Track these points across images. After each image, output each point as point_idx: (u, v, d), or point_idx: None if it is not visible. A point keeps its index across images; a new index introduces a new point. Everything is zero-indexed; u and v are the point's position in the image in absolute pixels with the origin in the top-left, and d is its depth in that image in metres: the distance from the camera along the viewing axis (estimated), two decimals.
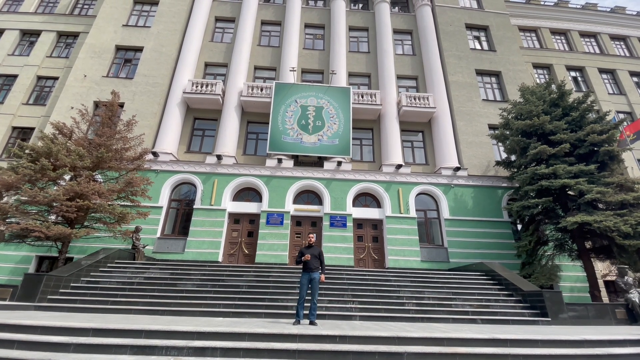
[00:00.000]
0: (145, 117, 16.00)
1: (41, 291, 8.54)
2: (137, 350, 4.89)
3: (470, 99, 18.14)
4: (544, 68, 22.10)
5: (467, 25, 20.90)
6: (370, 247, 14.91)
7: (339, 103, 16.86)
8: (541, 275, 11.98)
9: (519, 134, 13.84)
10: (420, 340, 5.40)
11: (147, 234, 13.58)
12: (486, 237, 14.75)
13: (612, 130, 12.62)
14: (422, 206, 15.76)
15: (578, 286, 13.62)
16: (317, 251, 7.11)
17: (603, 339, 5.85)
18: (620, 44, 24.35)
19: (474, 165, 16.42)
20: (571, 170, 12.06)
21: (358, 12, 21.39)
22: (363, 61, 19.60)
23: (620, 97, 21.44)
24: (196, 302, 8.67)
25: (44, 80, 18.88)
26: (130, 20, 19.20)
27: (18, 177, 10.35)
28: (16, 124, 17.46)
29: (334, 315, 8.36)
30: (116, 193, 11.66)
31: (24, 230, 9.97)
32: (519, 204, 12.92)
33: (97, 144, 11.82)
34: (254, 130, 17.47)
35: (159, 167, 14.99)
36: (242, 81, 17.60)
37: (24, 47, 19.98)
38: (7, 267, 12.82)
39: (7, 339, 5.04)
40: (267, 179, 15.34)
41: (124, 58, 18.16)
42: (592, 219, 10.85)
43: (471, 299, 9.77)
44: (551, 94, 14.21)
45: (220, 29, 20.14)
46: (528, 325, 8.51)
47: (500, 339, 5.55)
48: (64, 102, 16.17)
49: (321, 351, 5.02)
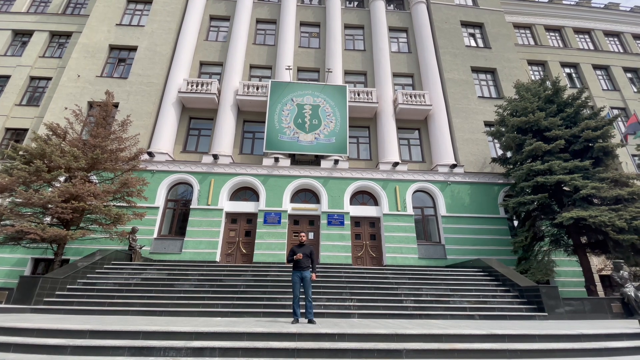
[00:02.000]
0: (140, 117, 15.89)
1: (37, 294, 8.48)
2: (134, 352, 4.86)
3: (466, 96, 18.20)
4: (538, 65, 22.23)
5: (462, 23, 20.94)
6: (368, 245, 14.94)
7: (336, 101, 16.84)
8: (537, 270, 12.09)
9: (515, 130, 13.89)
10: (419, 337, 5.41)
11: (144, 235, 13.53)
12: (483, 234, 14.83)
13: (607, 126, 12.72)
14: (419, 203, 15.80)
15: (574, 281, 13.73)
16: (309, 250, 7.11)
17: (600, 333, 5.90)
18: (614, 40, 24.50)
19: (470, 162, 16.48)
20: (566, 166, 12.15)
21: (353, 10, 21.35)
22: (359, 59, 19.58)
23: (614, 93, 21.60)
24: (194, 303, 8.65)
25: (37, 80, 18.68)
26: (123, 19, 19.02)
27: (12, 179, 10.23)
28: (9, 125, 17.28)
29: (332, 314, 8.37)
30: (112, 194, 11.57)
31: (19, 232, 9.87)
32: (515, 200, 13.01)
33: (91, 144, 11.70)
34: (250, 129, 17.42)
35: (154, 168, 14.90)
36: (238, 80, 17.51)
37: (17, 48, 19.75)
38: (2, 269, 12.70)
39: (4, 342, 5.00)
40: (264, 178, 15.31)
41: (118, 57, 18.00)
42: (587, 214, 10.95)
43: (469, 295, 9.83)
44: (546, 90, 14.30)
45: (215, 27, 20.02)
46: (525, 320, 8.57)
47: (497, 334, 5.58)
48: (58, 103, 16.00)
49: (320, 349, 5.02)
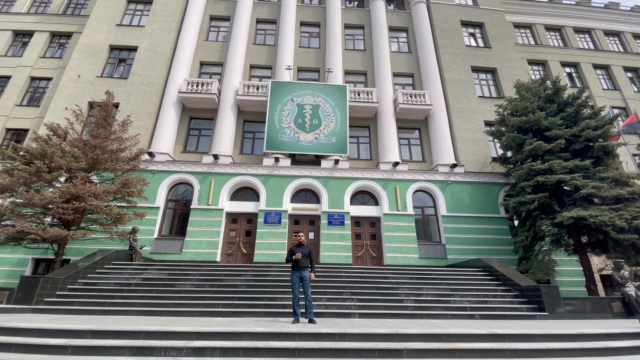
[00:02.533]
0: (141, 117, 15.89)
1: (38, 294, 8.48)
2: (135, 352, 4.86)
3: (466, 95, 18.19)
4: (539, 64, 22.21)
5: (463, 22, 20.93)
6: (369, 244, 14.94)
7: (336, 101, 16.84)
8: (538, 270, 12.08)
9: (515, 130, 13.88)
10: (420, 336, 5.41)
11: (145, 235, 13.54)
12: (483, 233, 14.82)
13: (607, 125, 12.72)
14: (419, 203, 15.80)
15: (575, 281, 13.72)
16: (308, 250, 7.11)
17: (600, 333, 5.90)
18: (615, 39, 24.49)
19: (471, 161, 16.48)
20: (567, 166, 12.14)
21: (353, 9, 21.35)
22: (359, 59, 19.57)
23: (614, 93, 21.58)
24: (195, 303, 8.65)
25: (38, 81, 18.70)
26: (124, 19, 19.03)
27: (13, 179, 10.25)
28: (10, 126, 17.30)
29: (333, 313, 8.38)
30: (112, 194, 11.58)
31: (19, 232, 9.88)
32: (515, 199, 13.00)
33: (92, 145, 11.71)
34: (250, 129, 17.42)
35: (155, 168, 14.91)
36: (238, 80, 17.52)
37: (17, 48, 19.76)
38: (3, 269, 12.71)
39: (5, 342, 5.00)
40: (264, 178, 15.31)
41: (118, 58, 18.01)
42: (588, 214, 10.94)
43: (469, 295, 9.83)
44: (546, 90, 14.29)
45: (215, 27, 20.03)
46: (526, 320, 8.57)
47: (498, 334, 5.58)
48: (58, 103, 16.01)
49: (321, 349, 5.01)
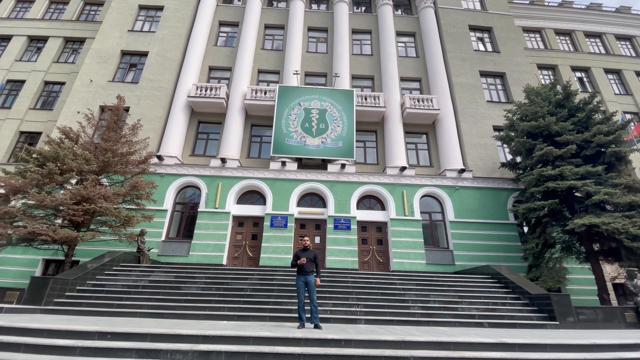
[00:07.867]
0: (150, 121, 16.13)
1: (47, 294, 8.59)
2: (142, 354, 4.90)
3: (475, 100, 18.06)
4: (548, 69, 21.96)
5: (471, 27, 20.84)
6: (375, 249, 14.84)
7: (343, 106, 16.87)
8: (549, 278, 11.84)
9: (524, 135, 13.71)
10: (427, 344, 5.33)
11: (152, 237, 13.67)
12: (492, 240, 14.61)
13: (619, 130, 12.46)
14: (426, 208, 15.65)
15: (586, 289, 13.38)
16: (313, 254, 7.08)
17: (613, 343, 5.75)
18: (626, 44, 24.13)
19: (479, 167, 16.31)
20: (578, 172, 11.91)
21: (361, 14, 21.45)
22: (366, 64, 19.62)
23: (626, 98, 21.22)
24: (201, 305, 8.68)
25: (51, 85, 19.16)
26: (135, 25, 19.42)
27: (26, 181, 10.45)
28: (24, 129, 17.72)
29: (338, 319, 8.31)
30: (122, 197, 11.74)
31: (31, 234, 10.04)
32: (524, 206, 12.79)
33: (103, 148, 11.92)
34: (257, 133, 17.54)
35: (163, 171, 15.10)
36: (246, 85, 17.70)
37: (32, 53, 20.28)
38: (14, 270, 12.95)
39: (14, 342, 5.08)
40: (271, 181, 15.36)
41: (129, 63, 18.35)
42: (600, 221, 10.70)
43: (477, 302, 9.67)
44: (556, 94, 14.09)
45: (224, 33, 20.30)
46: (536, 329, 8.39)
47: (508, 343, 5.47)
48: (71, 107, 16.35)
49: (326, 355, 4.97)
